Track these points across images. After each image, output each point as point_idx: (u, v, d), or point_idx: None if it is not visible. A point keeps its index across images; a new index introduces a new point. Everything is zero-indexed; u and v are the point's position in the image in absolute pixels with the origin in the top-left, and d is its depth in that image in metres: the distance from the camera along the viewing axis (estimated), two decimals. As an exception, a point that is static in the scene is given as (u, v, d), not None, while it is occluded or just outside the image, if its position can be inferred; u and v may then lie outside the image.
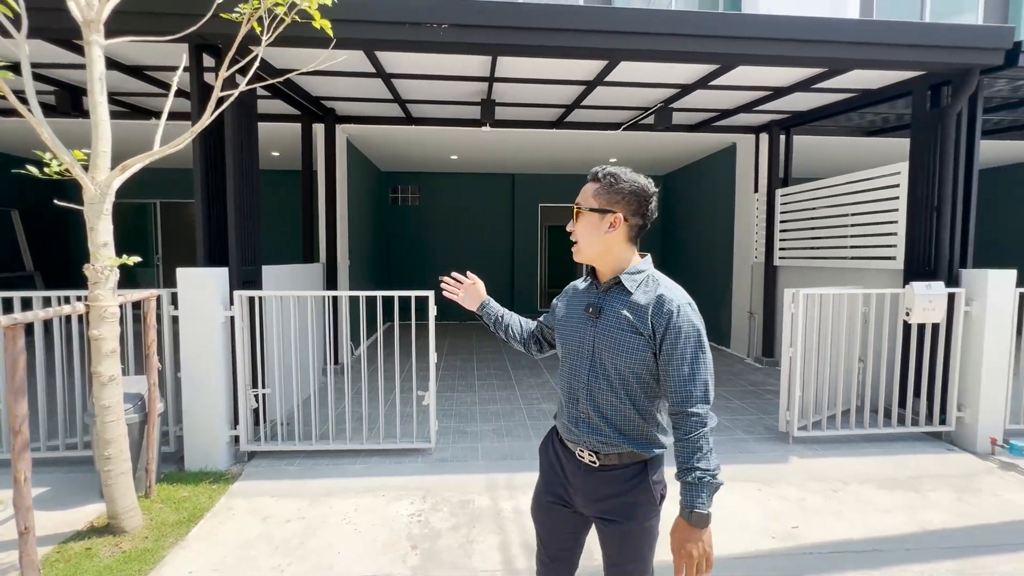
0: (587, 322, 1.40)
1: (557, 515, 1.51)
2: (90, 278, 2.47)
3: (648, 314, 1.31)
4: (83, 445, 3.41)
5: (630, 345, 1.32)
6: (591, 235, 1.37)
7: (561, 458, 1.49)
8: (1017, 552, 2.55)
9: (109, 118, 2.45)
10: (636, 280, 1.36)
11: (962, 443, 3.86)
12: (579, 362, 1.41)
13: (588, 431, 1.39)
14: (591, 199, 1.37)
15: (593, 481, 1.40)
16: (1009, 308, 3.77)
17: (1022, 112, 5.49)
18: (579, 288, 1.52)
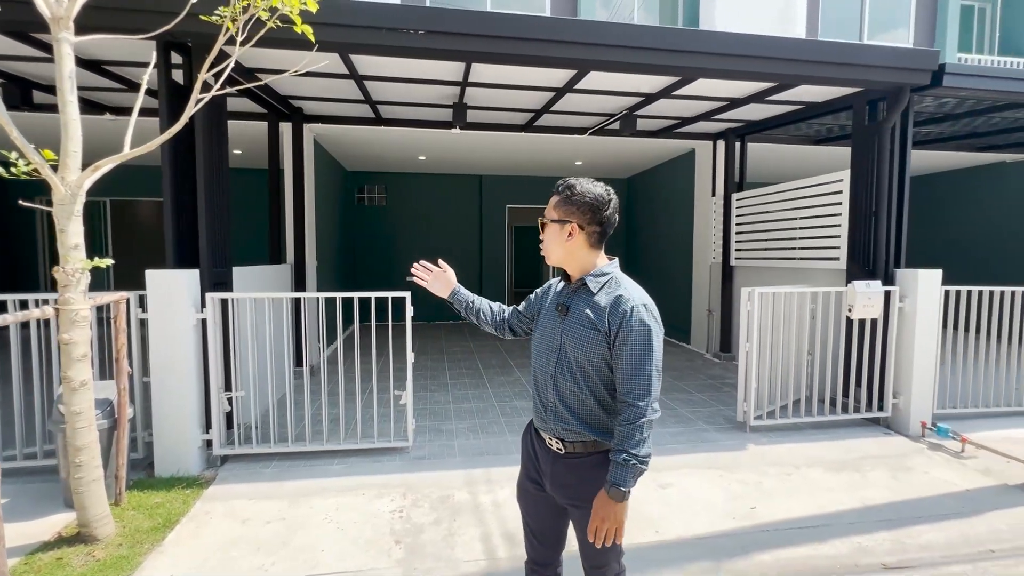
0: (557, 319, 1.55)
1: (537, 499, 1.65)
2: (60, 281, 2.41)
3: (606, 313, 1.44)
4: (43, 454, 3.28)
5: (590, 340, 1.45)
6: (554, 243, 1.54)
7: (535, 446, 1.64)
8: (941, 522, 2.86)
9: (79, 117, 2.39)
10: (600, 282, 1.50)
11: (897, 427, 4.25)
12: (548, 355, 1.55)
13: (555, 419, 1.52)
14: (552, 211, 1.54)
15: (560, 467, 1.53)
16: (936, 304, 4.18)
17: (946, 126, 6.04)
18: (556, 288, 1.67)
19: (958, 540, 2.69)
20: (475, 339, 8.27)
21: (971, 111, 5.30)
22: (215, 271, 3.56)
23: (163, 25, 2.69)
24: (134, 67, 4.12)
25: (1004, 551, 2.60)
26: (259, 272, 4.68)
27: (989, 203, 8.54)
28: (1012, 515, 2.94)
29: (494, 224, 10.24)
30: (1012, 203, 8.18)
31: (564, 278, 1.63)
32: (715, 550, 2.59)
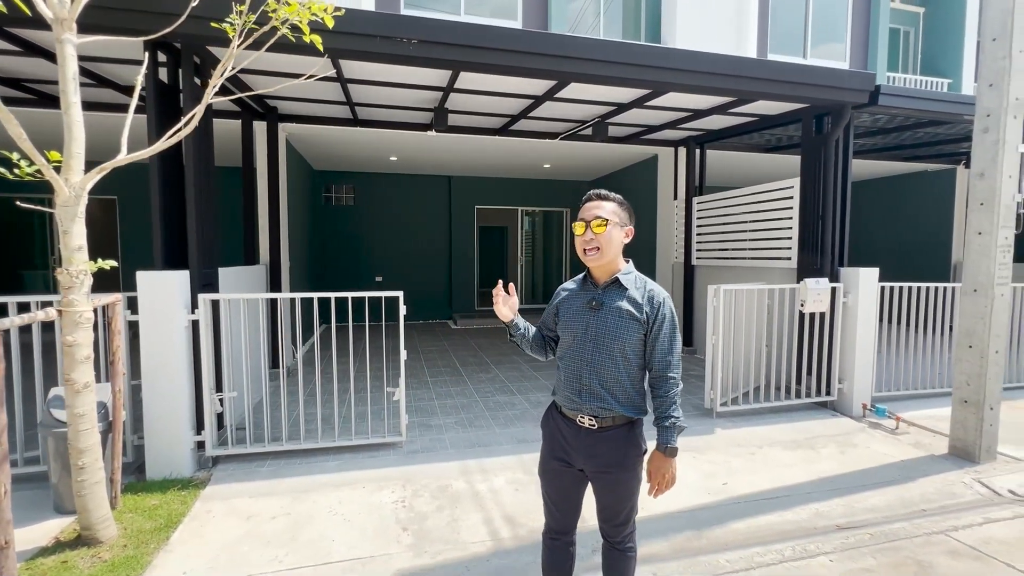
0: (588, 314, 1.75)
1: (561, 474, 1.84)
2: (63, 283, 2.39)
3: (643, 305, 1.71)
4: (24, 461, 3.19)
5: (629, 329, 1.71)
6: (614, 244, 1.72)
7: (561, 427, 1.82)
8: (883, 488, 3.28)
9: (82, 119, 2.39)
10: (630, 280, 1.76)
11: (842, 409, 4.74)
12: (583, 345, 1.74)
13: (591, 400, 1.73)
14: (614, 214, 1.73)
15: (591, 440, 1.74)
16: (874, 299, 4.69)
17: (879, 139, 6.70)
18: (573, 288, 1.86)
19: (896, 502, 3.10)
20: (448, 339, 8.38)
21: (900, 126, 5.93)
22: (204, 272, 3.55)
23: (164, 27, 2.70)
24: (107, 63, 4.01)
25: (933, 509, 3.03)
26: (237, 273, 4.64)
27: (914, 208, 9.45)
28: (939, 480, 3.40)
29: (463, 224, 10.37)
30: (933, 208, 9.09)
31: (584, 280, 1.82)
32: (696, 521, 2.88)
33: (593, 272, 1.80)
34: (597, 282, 1.78)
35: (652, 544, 2.65)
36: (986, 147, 3.59)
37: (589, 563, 2.46)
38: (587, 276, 1.83)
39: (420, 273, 10.18)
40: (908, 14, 10.58)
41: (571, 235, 8.85)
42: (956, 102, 4.96)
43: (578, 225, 1.76)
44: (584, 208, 1.77)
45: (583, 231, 1.74)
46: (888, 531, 2.79)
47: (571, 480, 1.84)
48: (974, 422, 3.68)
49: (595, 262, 1.74)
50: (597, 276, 1.78)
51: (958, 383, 3.78)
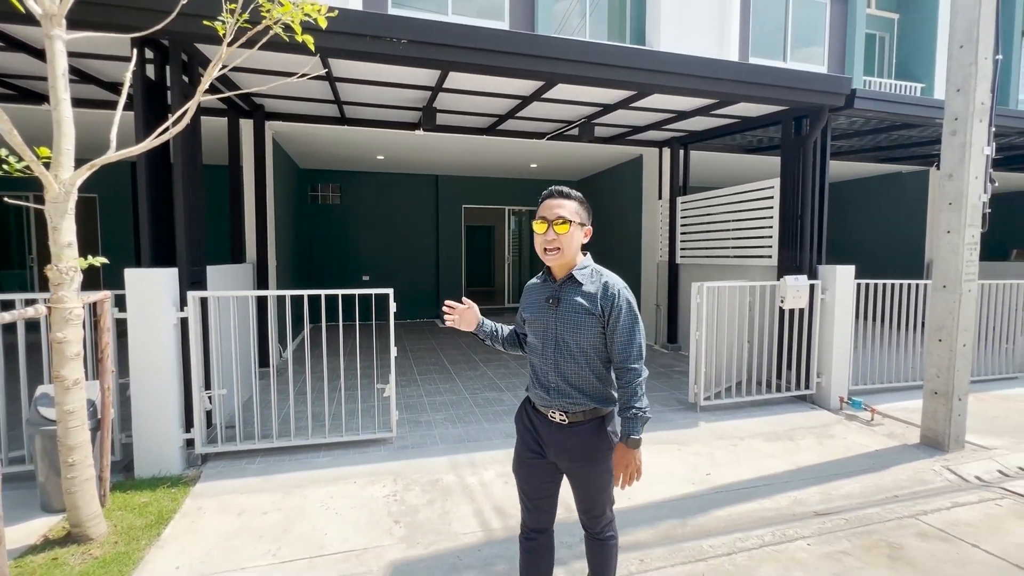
0: (549, 311, 1.75)
1: (535, 467, 1.84)
2: (53, 279, 2.39)
3: (598, 298, 1.71)
4: (8, 461, 3.15)
5: (587, 324, 1.70)
6: (574, 242, 1.73)
7: (534, 421, 1.84)
8: (858, 476, 3.42)
9: (72, 115, 2.39)
10: (585, 274, 1.76)
11: (820, 402, 4.89)
12: (546, 343, 1.76)
13: (558, 396, 1.75)
14: (576, 214, 1.73)
15: (563, 435, 1.76)
16: (850, 295, 4.86)
17: (855, 140, 6.91)
18: (536, 285, 1.87)
19: (871, 489, 3.24)
20: (435, 337, 8.40)
21: (875, 129, 6.13)
22: (192, 270, 3.55)
23: (154, 24, 2.70)
24: (91, 59, 3.97)
25: (905, 495, 3.17)
26: (225, 271, 4.62)
27: (890, 208, 9.75)
28: (911, 468, 3.55)
29: (450, 224, 10.40)
30: (908, 208, 9.39)
31: (545, 275, 1.83)
32: (680, 510, 2.97)
33: (552, 268, 1.80)
34: (556, 277, 1.79)
35: (638, 532, 2.73)
36: (954, 149, 3.76)
37: (578, 551, 2.52)
38: (546, 272, 1.84)
39: (408, 272, 10.17)
40: (883, 20, 10.90)
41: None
42: (927, 106, 5.16)
43: (539, 223, 1.73)
44: (545, 206, 1.74)
45: (545, 230, 1.72)
46: (862, 516, 2.92)
47: (546, 473, 1.84)
48: (944, 412, 3.84)
49: (554, 261, 1.74)
50: (555, 271, 1.79)
51: (929, 375, 3.95)
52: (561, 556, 2.51)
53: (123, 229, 8.65)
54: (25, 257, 8.72)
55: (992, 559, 2.50)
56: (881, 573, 2.40)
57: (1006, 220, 10.38)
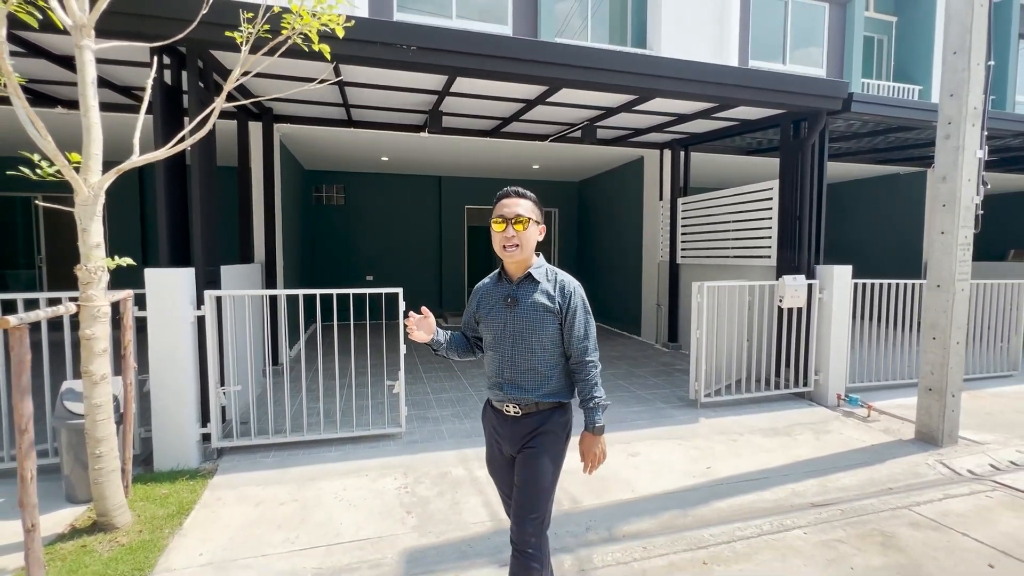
0: (505, 310, 1.80)
1: (506, 466, 1.91)
2: (82, 279, 2.50)
3: (556, 296, 1.79)
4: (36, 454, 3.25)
5: (545, 321, 1.77)
6: (532, 241, 1.79)
7: (492, 418, 1.90)
8: (854, 469, 3.53)
9: (100, 121, 2.49)
10: (541, 273, 1.82)
11: (818, 399, 5.00)
12: (503, 341, 1.80)
13: (513, 390, 1.79)
14: (532, 212, 1.78)
15: (517, 426, 1.81)
16: (848, 295, 4.97)
17: (853, 143, 7.02)
18: (490, 285, 1.90)
19: (867, 482, 3.34)
20: (439, 336, 8.50)
21: (872, 131, 6.24)
22: (208, 270, 3.65)
23: (175, 33, 2.81)
24: (106, 64, 4.07)
25: (899, 487, 3.28)
26: (235, 271, 4.73)
27: (888, 209, 9.85)
28: (905, 461, 3.66)
29: (453, 224, 10.50)
30: (904, 209, 9.49)
31: (499, 276, 1.87)
32: (682, 501, 3.08)
33: (508, 268, 1.84)
34: (511, 278, 1.83)
35: (641, 522, 2.84)
36: (948, 152, 3.87)
37: (583, 539, 2.63)
38: (501, 272, 1.87)
39: (411, 272, 10.27)
40: (881, 23, 11.01)
41: (560, 233, 9.00)
42: (923, 109, 5.27)
43: (498, 223, 1.76)
44: (503, 205, 1.78)
45: (504, 228, 1.75)
46: (858, 507, 3.02)
47: (508, 470, 1.90)
48: (938, 408, 3.95)
49: (513, 258, 1.78)
50: (512, 272, 1.83)
51: (923, 372, 4.06)
52: (567, 544, 2.62)
53: (132, 228, 8.77)
54: (34, 257, 8.82)
55: (981, 547, 2.61)
56: (874, 559, 2.50)
57: (1004, 221, 10.49)
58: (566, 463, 1.92)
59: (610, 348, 7.54)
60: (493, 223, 1.78)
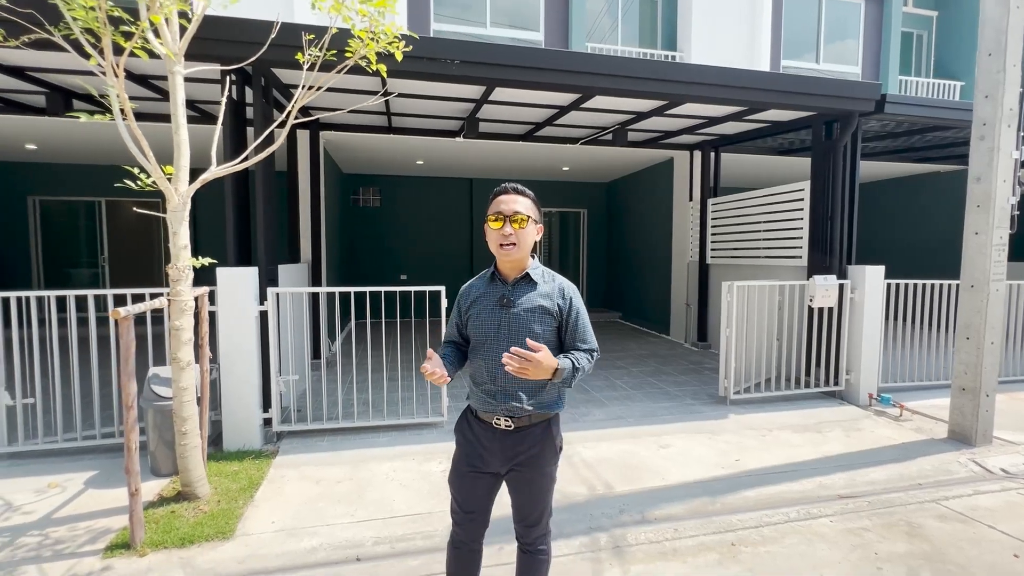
0: (500, 311, 1.71)
1: (474, 480, 1.77)
2: (172, 276, 2.83)
3: (555, 298, 1.73)
4: (119, 433, 3.65)
5: (544, 322, 1.70)
6: (530, 239, 1.72)
7: (476, 431, 1.76)
8: (884, 465, 3.60)
9: (188, 137, 2.82)
10: (538, 274, 1.76)
11: (849, 398, 5.04)
12: (496, 344, 1.69)
13: (505, 399, 1.69)
14: (531, 210, 1.71)
15: (509, 441, 1.71)
16: (880, 295, 4.98)
17: (889, 142, 6.95)
18: (480, 286, 1.80)
19: (896, 477, 3.42)
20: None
21: (908, 131, 6.19)
22: (269, 268, 3.99)
23: (249, 55, 3.13)
24: (162, 80, 4.44)
25: (929, 483, 3.35)
26: (289, 270, 5.08)
27: (928, 208, 9.63)
28: (936, 459, 3.71)
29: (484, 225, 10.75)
30: (946, 208, 9.27)
31: (492, 277, 1.77)
32: (711, 490, 3.23)
33: (503, 268, 1.76)
34: (506, 278, 1.75)
35: (671, 507, 3.01)
36: (982, 154, 3.89)
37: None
38: (495, 273, 1.78)
39: (443, 272, 10.55)
40: (921, 18, 10.74)
41: (589, 233, 9.18)
42: (960, 108, 5.23)
43: (495, 220, 1.69)
44: (501, 202, 1.70)
45: (501, 225, 1.67)
46: (885, 499, 3.12)
47: (484, 487, 1.78)
48: (971, 408, 3.97)
49: (510, 256, 1.71)
50: (507, 272, 1.75)
51: (957, 372, 4.08)
52: (602, 524, 2.81)
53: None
54: (97, 257, 9.50)
55: (1006, 538, 2.68)
56: (898, 546, 2.62)
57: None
58: (598, 451, 2.06)
59: (639, 347, 7.67)
60: (489, 220, 1.70)
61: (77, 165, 8.92)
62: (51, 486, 3.18)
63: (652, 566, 2.46)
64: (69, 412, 3.85)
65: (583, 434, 4.06)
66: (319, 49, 2.98)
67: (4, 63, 3.97)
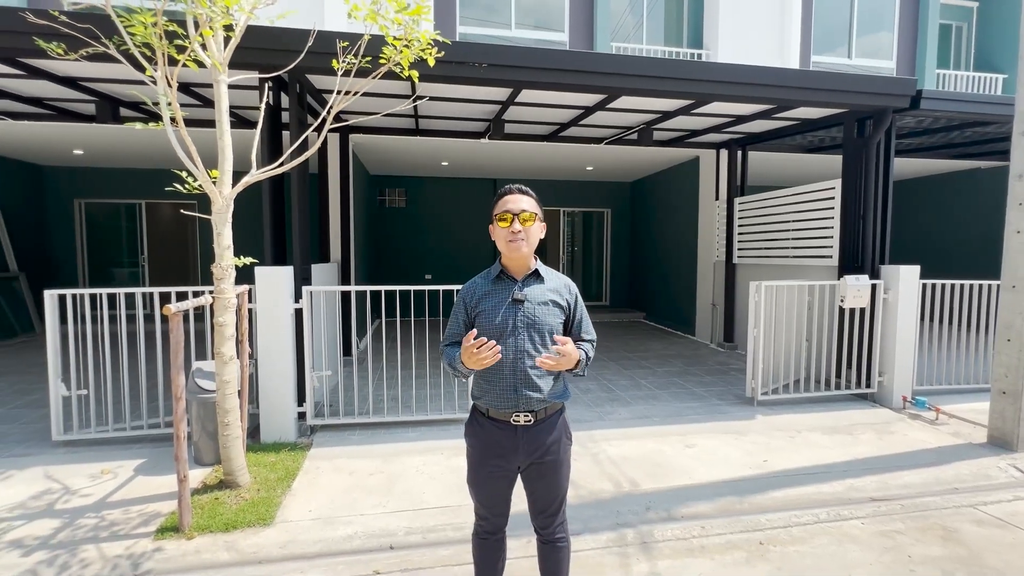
0: (511, 308, 1.76)
1: (495, 481, 1.83)
2: (216, 275, 2.98)
3: (564, 292, 1.84)
4: (164, 424, 3.85)
5: (555, 315, 1.79)
6: (536, 237, 1.79)
7: (492, 432, 1.79)
8: (917, 468, 3.53)
9: (231, 143, 2.96)
10: (544, 271, 1.84)
11: (882, 401, 4.93)
12: (512, 339, 1.74)
13: (526, 393, 1.74)
14: (537, 208, 1.80)
15: (530, 436, 1.76)
16: (915, 296, 4.86)
17: (925, 138, 6.75)
18: (486, 284, 1.83)
19: (931, 480, 3.35)
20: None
21: (947, 126, 6.00)
22: (303, 268, 4.14)
23: (287, 63, 3.27)
24: (201, 87, 4.63)
25: (966, 488, 3.27)
26: (320, 269, 5.24)
27: (968, 206, 9.30)
28: (974, 464, 3.61)
29: (507, 225, 10.82)
30: (987, 205, 8.94)
31: (499, 276, 1.81)
32: (737, 489, 3.22)
33: (511, 267, 1.81)
34: (515, 276, 1.80)
35: (698, 505, 3.02)
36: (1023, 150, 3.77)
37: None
38: (501, 272, 1.82)
39: (467, 271, 10.57)
40: (960, 9, 10.36)
41: (612, 233, 9.18)
42: (1001, 103, 5.06)
43: (503, 218, 1.75)
44: (508, 201, 1.77)
45: (510, 223, 1.74)
46: (919, 503, 3.06)
47: (505, 485, 1.85)
48: (1012, 412, 3.85)
49: (518, 252, 1.76)
50: (515, 270, 1.81)
51: (997, 375, 3.96)
52: (629, 520, 2.85)
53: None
54: (138, 257, 9.93)
55: (1049, 545, 2.61)
56: (933, 550, 2.58)
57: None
58: (623, 449, 2.10)
59: (664, 347, 7.63)
60: (497, 220, 1.77)
61: (119, 169, 9.34)
62: (104, 472, 3.38)
63: (679, 562, 2.49)
64: (119, 403, 4.07)
65: (608, 432, 4.09)
66: (354, 56, 3.09)
67: (59, 74, 4.21)
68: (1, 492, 3.11)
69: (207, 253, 9.78)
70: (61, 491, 3.12)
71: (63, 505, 2.96)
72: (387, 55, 3.00)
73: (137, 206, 9.71)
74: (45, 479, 3.27)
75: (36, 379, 5.42)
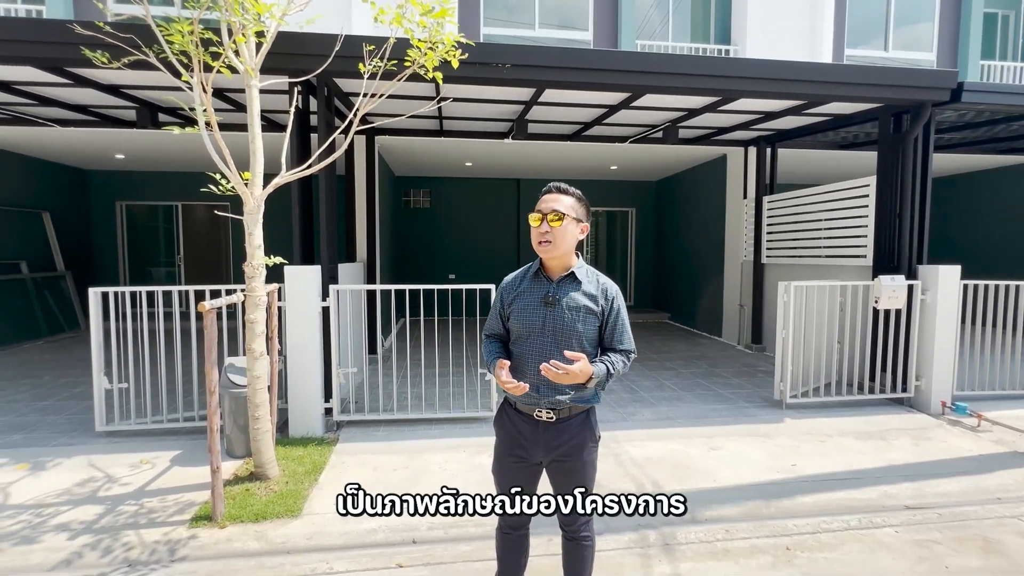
0: (544, 308, 1.76)
1: (517, 470, 1.86)
2: (248, 273, 3.08)
3: (599, 298, 1.78)
4: (199, 417, 4.00)
5: (587, 322, 1.76)
6: (570, 238, 1.74)
7: (517, 423, 1.82)
8: (956, 476, 3.39)
9: (263, 146, 3.06)
10: (582, 273, 1.80)
11: (919, 406, 4.74)
12: (540, 339, 1.76)
13: (550, 392, 1.76)
14: (572, 209, 1.74)
15: (552, 432, 1.78)
16: (955, 297, 4.66)
17: (967, 132, 6.47)
18: (524, 282, 1.84)
19: (972, 489, 3.22)
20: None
21: (990, 120, 5.74)
22: (330, 267, 4.24)
23: (315, 67, 3.35)
24: (232, 92, 4.78)
25: (1010, 498, 3.12)
26: (347, 269, 5.35)
27: (1008, 202, 8.85)
28: (1019, 473, 3.45)
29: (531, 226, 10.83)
30: (1034, 203, 8.49)
31: (537, 273, 1.81)
32: (764, 493, 3.16)
33: (547, 265, 1.81)
34: (551, 276, 1.80)
35: (723, 508, 2.97)
36: (1075, 143, 3.57)
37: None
38: (539, 270, 1.83)
39: (490, 271, 10.71)
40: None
41: (637, 232, 9.10)
42: (1050, 95, 4.80)
43: (534, 217, 1.75)
44: (542, 200, 1.77)
45: (539, 223, 1.73)
46: (958, 512, 2.94)
47: (527, 476, 1.87)
48: (1061, 419, 3.66)
49: (547, 254, 1.76)
50: (551, 269, 1.81)
51: (1044, 380, 3.77)
52: (652, 522, 2.82)
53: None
54: (174, 256, 10.32)
55: (1100, 560, 2.48)
56: (972, 561, 2.47)
57: None
58: (647, 450, 2.07)
59: (689, 348, 7.51)
60: (530, 218, 1.76)
61: (157, 172, 9.73)
62: (143, 462, 3.53)
63: (702, 564, 2.46)
64: (157, 396, 4.24)
65: (631, 433, 4.05)
66: (380, 59, 3.15)
67: (103, 82, 4.42)
68: (49, 479, 3.28)
69: (239, 252, 10.09)
70: (103, 479, 3.28)
71: (105, 492, 3.11)
72: (412, 57, 3.05)
73: (174, 208, 10.10)
74: (89, 467, 3.44)
75: (81, 373, 5.70)
